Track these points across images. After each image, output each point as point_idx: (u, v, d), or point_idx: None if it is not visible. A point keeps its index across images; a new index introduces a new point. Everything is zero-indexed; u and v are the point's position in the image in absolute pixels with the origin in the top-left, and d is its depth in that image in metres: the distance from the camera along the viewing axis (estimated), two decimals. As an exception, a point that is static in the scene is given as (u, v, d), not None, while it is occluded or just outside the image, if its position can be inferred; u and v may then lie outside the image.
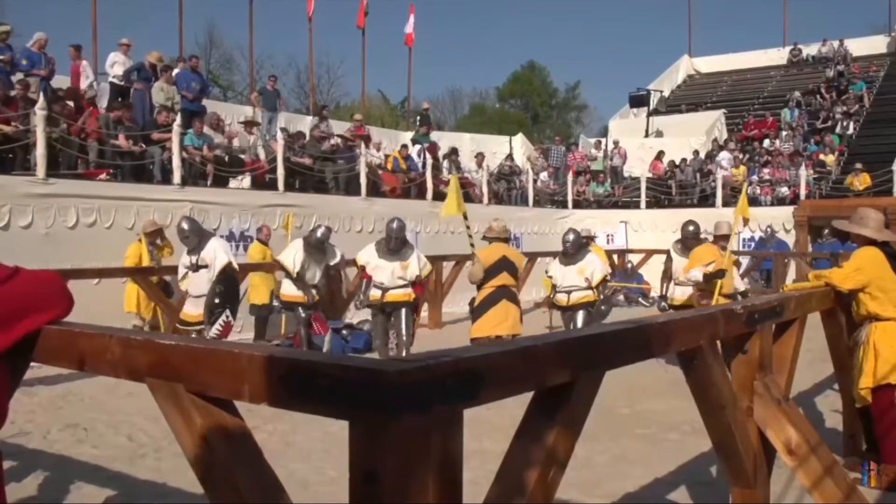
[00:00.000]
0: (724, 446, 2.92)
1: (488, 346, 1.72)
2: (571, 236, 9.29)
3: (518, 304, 7.79)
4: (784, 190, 19.04)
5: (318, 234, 9.75)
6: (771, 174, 19.83)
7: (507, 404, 2.00)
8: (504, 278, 7.53)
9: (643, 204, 19.85)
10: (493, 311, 7.44)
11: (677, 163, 21.00)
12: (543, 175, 20.90)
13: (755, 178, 19.95)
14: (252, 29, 20.26)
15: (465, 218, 8.08)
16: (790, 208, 18.12)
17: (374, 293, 8.94)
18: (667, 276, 9.52)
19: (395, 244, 8.97)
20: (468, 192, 17.85)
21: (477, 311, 7.55)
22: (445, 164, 18.88)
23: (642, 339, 2.20)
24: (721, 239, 8.54)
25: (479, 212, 17.35)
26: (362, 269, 9.12)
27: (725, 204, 18.73)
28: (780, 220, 17.55)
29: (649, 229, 18.65)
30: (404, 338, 8.87)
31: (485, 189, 17.86)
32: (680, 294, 8.98)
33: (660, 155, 21.68)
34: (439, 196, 16.79)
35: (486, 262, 7.50)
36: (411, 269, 8.94)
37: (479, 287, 7.58)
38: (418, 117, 20.40)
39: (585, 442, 4.24)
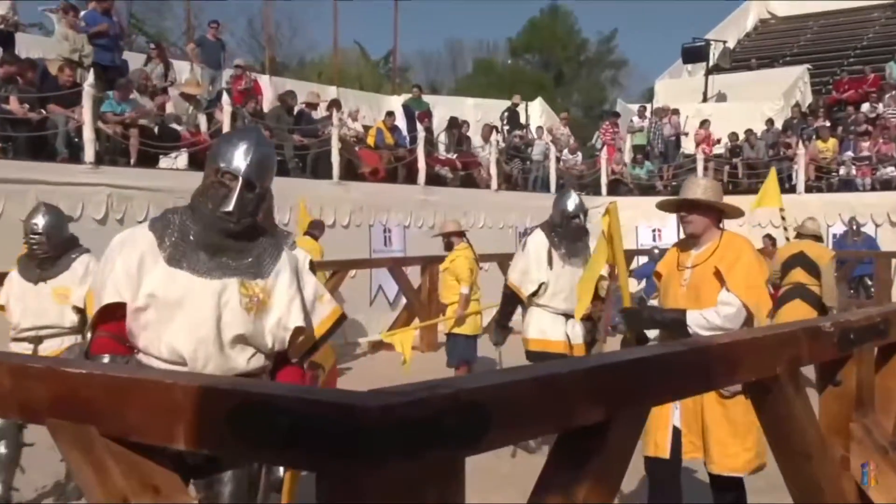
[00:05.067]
0: (811, 508, 2.92)
1: (499, 374, 1.72)
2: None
3: (817, 305, 8.98)
4: (889, 170, 18.93)
5: (570, 204, 6.62)
6: (871, 149, 19.78)
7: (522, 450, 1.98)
8: (797, 275, 9.07)
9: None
10: (784, 310, 8.81)
11: (743, 135, 20.99)
12: (568, 153, 20.93)
13: (849, 154, 19.95)
14: (188, -41, 20.22)
15: (782, 211, 10.76)
16: (896, 194, 17.97)
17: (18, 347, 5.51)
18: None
19: (41, 245, 5.42)
20: (472, 175, 17.84)
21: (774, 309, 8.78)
22: (443, 137, 18.86)
23: (698, 366, 2.18)
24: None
25: (487, 199, 17.37)
26: None
27: (809, 190, 18.71)
28: (882, 209, 17.41)
29: (710, 222, 18.67)
30: None
31: (493, 170, 17.87)
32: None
33: (704, 124, 21.66)
34: (434, 180, 16.78)
35: (780, 259, 9.27)
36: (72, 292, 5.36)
37: (777, 286, 9.07)
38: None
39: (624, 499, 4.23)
